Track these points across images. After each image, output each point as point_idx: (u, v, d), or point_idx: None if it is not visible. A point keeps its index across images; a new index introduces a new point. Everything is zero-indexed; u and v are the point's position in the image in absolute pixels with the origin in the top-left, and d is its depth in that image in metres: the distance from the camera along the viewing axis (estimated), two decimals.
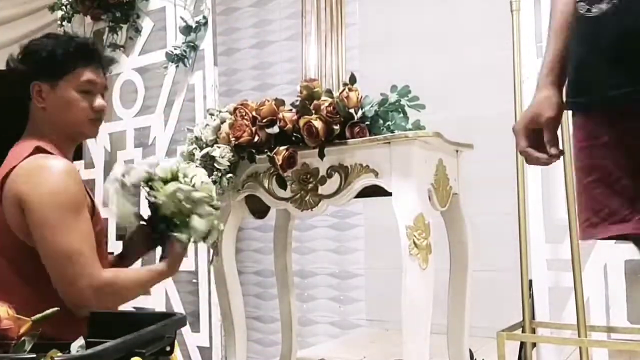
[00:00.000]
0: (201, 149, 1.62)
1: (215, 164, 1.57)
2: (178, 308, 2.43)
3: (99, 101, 1.46)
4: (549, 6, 1.95)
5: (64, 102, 1.43)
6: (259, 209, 1.71)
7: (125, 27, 2.84)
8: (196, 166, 1.60)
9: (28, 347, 0.87)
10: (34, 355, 0.79)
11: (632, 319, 1.78)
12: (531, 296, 1.86)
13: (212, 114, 1.68)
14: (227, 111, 1.65)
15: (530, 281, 1.86)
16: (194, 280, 2.45)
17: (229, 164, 1.57)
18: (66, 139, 1.48)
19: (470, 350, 1.75)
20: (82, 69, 1.46)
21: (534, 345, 1.84)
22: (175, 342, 1.10)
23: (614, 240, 1.81)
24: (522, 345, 1.82)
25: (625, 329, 1.77)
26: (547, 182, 1.93)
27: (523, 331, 1.80)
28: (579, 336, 1.69)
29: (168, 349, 1.03)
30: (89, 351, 0.80)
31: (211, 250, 1.76)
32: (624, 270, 1.81)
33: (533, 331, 1.82)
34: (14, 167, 1.30)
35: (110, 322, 1.06)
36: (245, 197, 1.69)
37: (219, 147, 1.59)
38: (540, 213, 1.91)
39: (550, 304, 1.87)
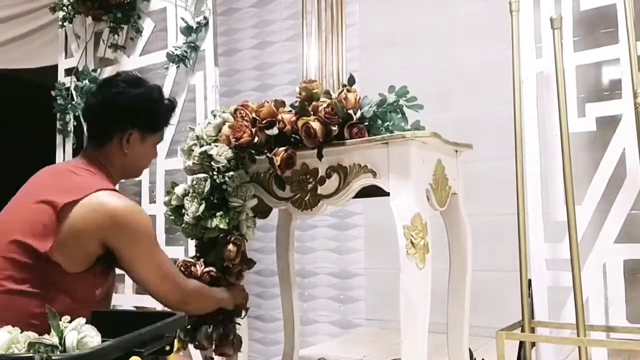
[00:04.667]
0: (201, 146, 1.63)
1: (212, 162, 1.58)
2: None
3: (156, 153, 1.65)
4: (548, 7, 1.97)
5: (144, 155, 1.58)
6: (260, 209, 1.72)
7: (126, 27, 2.85)
8: (194, 163, 1.62)
9: None
10: (33, 355, 0.79)
11: (631, 319, 1.78)
12: (530, 296, 1.86)
13: (215, 115, 1.69)
14: (229, 112, 1.66)
15: (530, 281, 1.86)
16: None
17: (226, 161, 1.58)
18: (122, 177, 1.61)
19: (470, 350, 1.75)
20: (165, 128, 1.65)
21: (533, 344, 1.84)
22: (175, 341, 1.11)
23: (614, 240, 1.83)
24: (522, 344, 1.82)
25: (624, 328, 1.77)
26: (547, 182, 1.93)
27: (522, 330, 1.80)
28: (578, 335, 1.69)
29: (168, 348, 1.03)
30: (88, 350, 0.81)
31: None
32: (623, 269, 1.81)
33: (532, 330, 1.83)
34: (87, 195, 1.35)
35: (110, 321, 1.07)
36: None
37: (216, 146, 1.60)
38: (540, 213, 1.92)
39: (550, 304, 1.88)
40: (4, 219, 1.39)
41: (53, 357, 0.74)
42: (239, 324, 1.66)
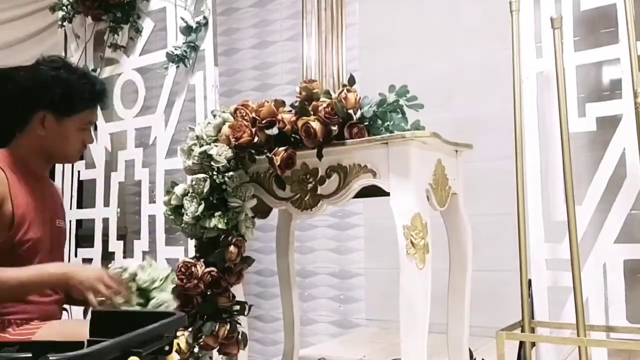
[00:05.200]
0: (201, 146, 1.63)
1: (212, 162, 1.58)
2: None
3: (90, 138, 1.61)
4: (548, 6, 1.97)
5: (65, 137, 1.54)
6: (260, 209, 1.72)
7: (126, 27, 2.85)
8: (193, 163, 1.62)
9: None
10: (30, 355, 0.79)
11: (631, 319, 1.78)
12: (530, 296, 1.86)
13: (215, 115, 1.69)
14: (229, 112, 1.66)
15: (530, 281, 1.86)
16: None
17: (226, 161, 1.58)
18: (48, 162, 1.59)
19: (470, 350, 1.75)
20: (89, 111, 1.57)
21: (533, 344, 1.84)
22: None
23: (614, 240, 1.83)
24: (522, 344, 1.82)
25: (624, 328, 1.77)
26: (547, 182, 1.93)
27: (522, 330, 1.80)
28: (578, 335, 1.69)
29: (167, 348, 1.03)
30: (84, 350, 0.80)
31: None
32: (623, 269, 1.81)
33: (532, 330, 1.83)
34: None
35: (109, 321, 1.07)
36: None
37: (216, 146, 1.60)
38: (540, 213, 1.91)
39: (550, 304, 1.88)
40: None
41: (50, 358, 0.74)
42: (239, 323, 1.66)
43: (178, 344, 1.53)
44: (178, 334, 1.48)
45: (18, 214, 1.45)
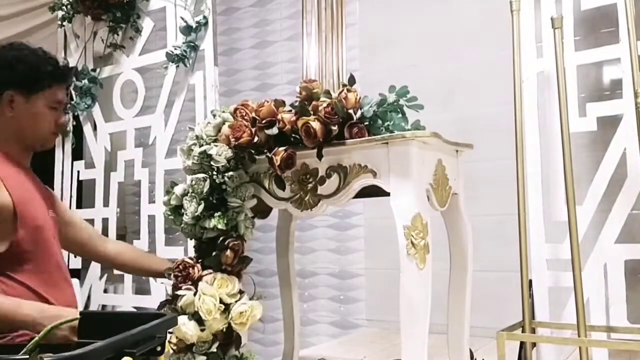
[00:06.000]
0: (201, 146, 1.63)
1: (212, 162, 1.58)
2: None
3: (63, 117, 1.61)
4: (549, 6, 1.96)
5: (35, 115, 1.54)
6: (260, 209, 1.71)
7: (125, 27, 2.85)
8: (193, 163, 1.62)
9: None
10: (27, 357, 0.79)
11: (632, 319, 1.78)
12: (531, 296, 1.85)
13: (214, 115, 1.69)
14: (229, 112, 1.66)
15: (530, 281, 1.86)
16: None
17: (225, 161, 1.57)
18: (25, 148, 1.59)
19: (470, 350, 1.75)
20: (56, 87, 1.58)
21: (533, 345, 1.84)
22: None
23: (615, 240, 1.83)
24: (522, 345, 1.82)
25: (625, 328, 1.77)
26: (548, 182, 1.93)
27: (523, 331, 1.80)
28: (578, 336, 1.69)
29: (159, 349, 1.03)
30: (79, 351, 0.80)
31: None
32: (624, 270, 1.80)
33: (533, 331, 1.82)
34: None
35: (100, 322, 1.07)
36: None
37: (216, 146, 1.60)
38: (540, 213, 1.91)
39: (550, 304, 1.87)
40: None
41: (45, 358, 0.74)
42: None
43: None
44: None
45: (19, 203, 1.45)
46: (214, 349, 1.54)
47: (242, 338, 1.67)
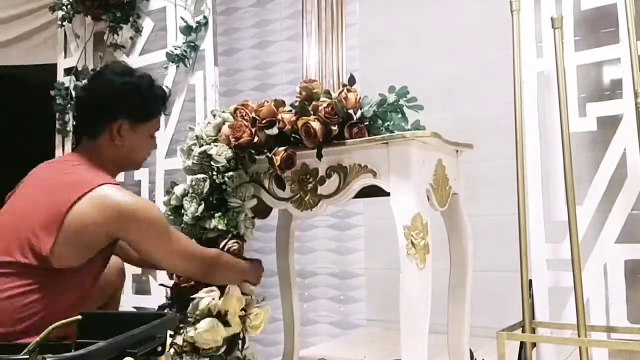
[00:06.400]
0: (201, 146, 1.63)
1: (212, 162, 1.58)
2: None
3: (156, 144, 1.63)
4: (549, 6, 1.96)
5: (139, 143, 1.55)
6: (260, 209, 1.71)
7: (125, 27, 2.85)
8: (193, 163, 1.62)
9: None
10: (27, 357, 0.79)
11: (632, 319, 1.78)
12: (531, 296, 1.85)
13: (214, 115, 1.69)
14: (229, 112, 1.66)
15: (530, 281, 1.86)
16: None
17: (225, 161, 1.57)
18: (119, 170, 1.58)
19: (470, 350, 1.75)
20: (159, 117, 1.60)
21: (533, 345, 1.84)
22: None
23: (615, 240, 1.83)
24: (522, 345, 1.82)
25: (625, 328, 1.77)
26: (548, 182, 1.93)
27: (523, 331, 1.80)
28: (578, 336, 1.69)
29: (159, 349, 1.03)
30: (81, 351, 0.80)
31: None
32: (624, 270, 1.80)
33: (533, 331, 1.82)
34: (87, 191, 1.34)
35: (101, 323, 1.07)
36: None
37: (216, 146, 1.60)
38: (541, 213, 1.91)
39: (550, 304, 1.87)
40: (6, 218, 1.39)
41: (47, 358, 0.74)
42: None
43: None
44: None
45: None
46: (221, 350, 1.54)
47: (246, 340, 1.67)
